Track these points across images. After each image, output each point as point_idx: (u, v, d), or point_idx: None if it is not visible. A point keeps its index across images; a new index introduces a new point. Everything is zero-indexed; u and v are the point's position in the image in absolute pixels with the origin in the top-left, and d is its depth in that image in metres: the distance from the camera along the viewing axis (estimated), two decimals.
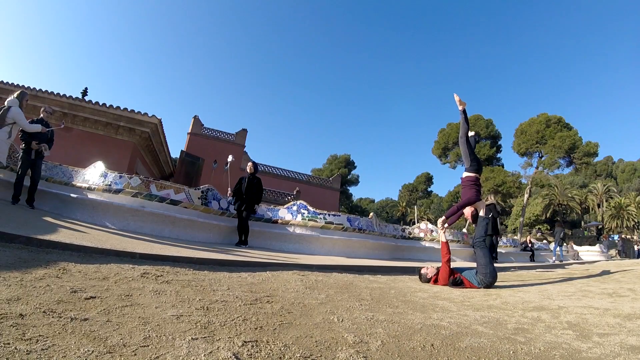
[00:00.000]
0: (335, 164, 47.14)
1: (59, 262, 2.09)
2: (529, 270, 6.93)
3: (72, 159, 8.32)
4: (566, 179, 49.57)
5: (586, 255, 17.89)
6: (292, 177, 24.35)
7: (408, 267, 4.86)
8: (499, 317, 2.06)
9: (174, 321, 1.36)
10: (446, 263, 3.53)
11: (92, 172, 5.66)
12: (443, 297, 2.77)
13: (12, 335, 1.02)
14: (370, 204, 69.33)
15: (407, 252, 8.52)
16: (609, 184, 48.34)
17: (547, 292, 3.32)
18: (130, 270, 2.22)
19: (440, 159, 33.99)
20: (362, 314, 1.88)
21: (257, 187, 6.05)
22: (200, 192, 5.89)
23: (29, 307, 1.27)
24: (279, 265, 3.49)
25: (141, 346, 1.07)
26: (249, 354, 1.12)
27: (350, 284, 3.01)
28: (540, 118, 29.24)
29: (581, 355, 1.36)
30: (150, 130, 11.75)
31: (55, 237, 2.78)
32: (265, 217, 6.61)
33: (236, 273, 2.80)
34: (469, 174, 3.86)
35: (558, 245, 12.93)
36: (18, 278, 1.63)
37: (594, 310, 2.31)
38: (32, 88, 10.60)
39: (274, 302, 1.95)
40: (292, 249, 6.25)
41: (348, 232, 6.68)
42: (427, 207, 59.09)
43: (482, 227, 3.75)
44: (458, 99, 4.07)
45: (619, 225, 41.00)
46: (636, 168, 59.96)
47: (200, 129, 21.74)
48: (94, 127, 11.27)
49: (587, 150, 27.02)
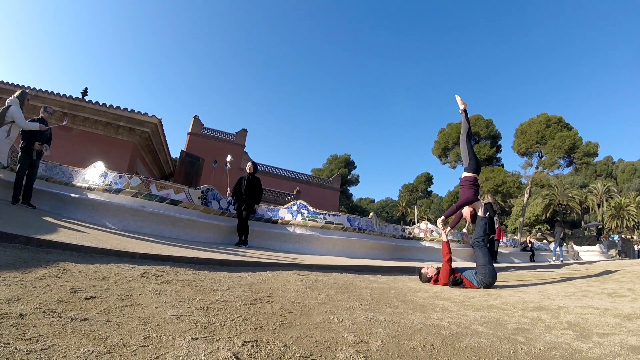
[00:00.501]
0: (335, 164, 47.16)
1: (59, 262, 2.09)
2: (529, 270, 6.93)
3: (72, 159, 8.33)
4: (566, 179, 49.55)
5: (586, 255, 17.88)
6: (292, 177, 24.35)
7: (408, 267, 4.86)
8: (499, 317, 2.06)
9: (174, 321, 1.36)
10: (447, 262, 3.54)
11: (92, 172, 5.66)
12: (443, 297, 2.77)
13: (12, 335, 1.02)
14: (370, 204, 69.32)
15: (407, 252, 8.52)
16: (609, 184, 48.33)
17: (547, 292, 3.32)
18: (130, 270, 2.22)
19: (440, 159, 34.02)
20: (362, 314, 1.88)
21: (256, 187, 6.05)
22: (200, 192, 5.88)
23: (29, 307, 1.27)
24: (279, 265, 3.49)
25: (141, 346, 1.07)
26: (249, 354, 1.12)
27: (350, 284, 3.01)
28: (540, 118, 29.25)
29: (581, 355, 1.36)
30: (150, 130, 11.75)
31: (55, 237, 2.78)
32: (265, 217, 6.60)
33: (236, 273, 2.80)
34: (468, 174, 3.88)
35: (558, 245, 12.93)
36: (18, 278, 1.63)
37: (594, 310, 2.31)
38: (32, 88, 10.60)
39: (274, 302, 1.95)
40: (292, 249, 6.25)
41: (348, 232, 6.68)
42: (427, 207, 59.11)
43: (480, 227, 3.76)
44: (460, 100, 4.22)
45: (619, 225, 41.00)
46: (636, 168, 59.94)
47: (200, 129, 21.75)
48: (94, 127, 11.27)
49: (587, 150, 27.04)
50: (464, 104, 4.21)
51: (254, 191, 5.99)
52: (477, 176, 3.92)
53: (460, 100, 4.23)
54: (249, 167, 6.24)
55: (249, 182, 6.03)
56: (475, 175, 3.90)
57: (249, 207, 5.89)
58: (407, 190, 60.28)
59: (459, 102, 4.25)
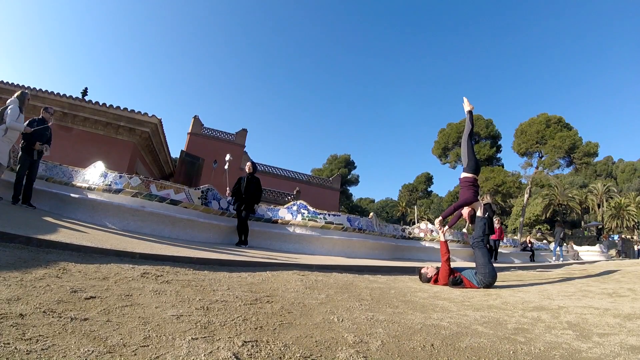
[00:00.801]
0: (335, 164, 47.16)
1: (59, 262, 2.09)
2: (529, 270, 6.94)
3: (72, 159, 8.32)
4: (566, 179, 49.58)
5: (586, 255, 17.89)
6: (292, 177, 24.35)
7: (408, 267, 4.86)
8: (499, 317, 2.06)
9: (174, 321, 1.36)
10: (446, 262, 3.54)
11: (92, 172, 5.66)
12: (443, 297, 2.77)
13: (12, 335, 1.02)
14: (370, 204, 69.30)
15: (407, 252, 8.52)
16: (609, 184, 48.32)
17: (547, 292, 3.32)
18: (130, 270, 2.22)
19: (440, 159, 34.02)
20: (362, 314, 1.88)
21: (256, 187, 6.05)
22: (200, 192, 5.88)
23: (29, 307, 1.27)
24: (279, 265, 3.49)
25: (141, 346, 1.07)
26: (249, 354, 1.12)
27: (350, 284, 3.01)
28: (540, 118, 29.26)
29: (581, 355, 1.36)
30: (150, 130, 11.75)
31: (55, 237, 2.78)
32: (265, 217, 6.61)
33: (236, 273, 2.80)
34: (467, 175, 3.90)
35: (558, 245, 12.94)
36: (18, 278, 1.63)
37: (594, 310, 2.31)
38: (32, 88, 10.60)
39: (274, 302, 1.95)
40: (292, 249, 6.25)
41: (348, 232, 6.68)
42: (427, 207, 59.11)
43: (480, 227, 3.77)
44: (467, 102, 4.40)
45: (619, 225, 40.99)
46: (636, 168, 59.93)
47: (200, 129, 21.75)
48: (94, 127, 11.27)
49: (587, 150, 27.04)
50: (470, 106, 4.37)
51: (253, 191, 5.99)
52: (476, 177, 3.94)
53: (467, 102, 4.40)
54: (249, 167, 6.24)
55: (249, 182, 6.03)
56: (474, 175, 3.92)
57: (249, 207, 5.89)
58: (407, 190, 60.30)
59: (465, 104, 4.40)
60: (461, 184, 3.93)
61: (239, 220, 5.85)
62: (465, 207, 3.88)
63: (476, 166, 3.97)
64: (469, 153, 4.00)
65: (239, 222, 5.84)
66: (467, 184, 3.85)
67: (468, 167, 3.94)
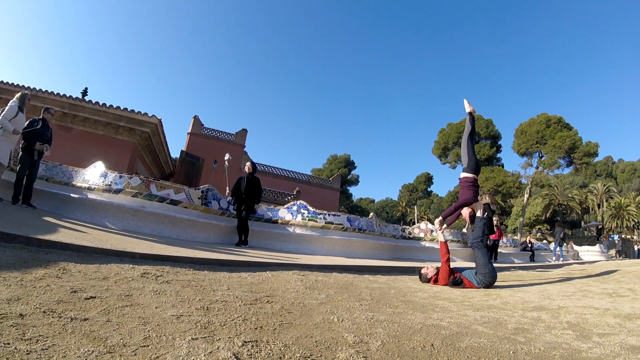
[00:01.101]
0: (335, 164, 47.17)
1: (58, 262, 2.09)
2: (529, 270, 6.94)
3: (72, 159, 8.31)
4: (566, 179, 49.55)
5: (586, 255, 17.89)
6: (292, 177, 24.36)
7: (408, 267, 4.86)
8: (499, 317, 2.06)
9: (174, 321, 1.36)
10: (445, 262, 3.54)
11: (92, 172, 5.66)
12: (443, 297, 2.77)
13: (12, 335, 1.02)
14: (370, 204, 69.27)
15: (407, 252, 8.53)
16: (609, 184, 48.33)
17: (547, 292, 3.32)
18: (130, 270, 2.22)
19: (440, 159, 34.03)
20: (362, 314, 1.88)
21: (256, 187, 6.05)
22: (200, 192, 5.89)
23: (29, 307, 1.27)
24: (279, 265, 3.49)
25: (141, 346, 1.07)
26: (249, 354, 1.12)
27: (350, 284, 3.01)
28: (540, 118, 29.26)
29: (581, 355, 1.36)
30: (150, 130, 11.75)
31: (55, 237, 2.78)
32: (265, 217, 6.61)
33: (236, 273, 2.80)
34: (467, 175, 3.90)
35: (558, 245, 12.94)
36: (18, 278, 1.63)
37: (594, 310, 2.31)
38: (32, 88, 10.60)
39: (274, 302, 1.95)
40: (292, 249, 6.25)
41: (348, 232, 6.68)
42: (427, 207, 59.11)
43: (479, 228, 3.76)
44: (467, 103, 4.45)
45: (619, 225, 41.01)
46: (636, 168, 59.96)
47: (200, 129, 21.75)
48: (94, 127, 11.27)
49: (587, 150, 27.04)
50: (470, 107, 4.41)
51: (253, 191, 5.99)
52: (476, 177, 3.94)
53: (467, 104, 4.44)
54: (248, 167, 6.24)
55: (249, 182, 6.03)
56: (474, 176, 3.92)
57: (249, 207, 5.89)
58: (407, 190, 60.33)
59: (466, 106, 4.43)
60: (461, 184, 3.93)
61: (239, 220, 5.85)
62: (465, 208, 3.88)
63: (476, 166, 3.97)
64: (469, 153, 4.00)
65: (239, 222, 5.84)
66: (467, 184, 3.85)
67: (468, 167, 3.94)
